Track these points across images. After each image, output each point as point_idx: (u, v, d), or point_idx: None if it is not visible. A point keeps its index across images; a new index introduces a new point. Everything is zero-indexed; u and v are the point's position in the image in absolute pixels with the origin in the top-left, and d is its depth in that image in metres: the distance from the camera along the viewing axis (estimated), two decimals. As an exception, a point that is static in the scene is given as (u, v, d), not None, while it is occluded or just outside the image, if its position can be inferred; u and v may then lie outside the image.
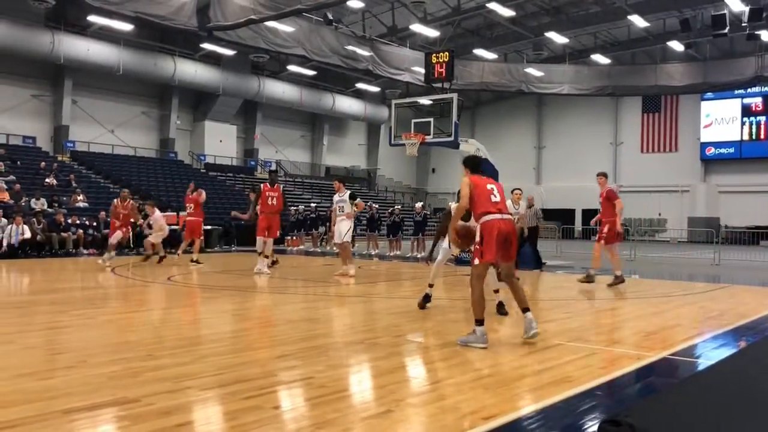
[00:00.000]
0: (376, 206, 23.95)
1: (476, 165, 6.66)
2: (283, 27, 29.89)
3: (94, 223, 19.72)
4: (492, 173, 16.97)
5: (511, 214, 6.55)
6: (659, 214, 40.72)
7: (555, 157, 44.87)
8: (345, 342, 6.29)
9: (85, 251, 18.79)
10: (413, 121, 17.06)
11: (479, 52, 35.88)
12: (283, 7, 27.29)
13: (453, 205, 12.45)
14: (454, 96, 16.36)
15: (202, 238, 16.67)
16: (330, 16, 28.09)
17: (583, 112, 43.54)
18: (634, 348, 6.15)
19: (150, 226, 15.94)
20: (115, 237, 14.66)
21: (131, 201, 15.71)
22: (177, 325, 7.44)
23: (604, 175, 11.88)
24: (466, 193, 6.21)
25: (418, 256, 19.12)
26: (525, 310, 6.21)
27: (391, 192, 44.22)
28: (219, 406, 4.05)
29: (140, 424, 3.57)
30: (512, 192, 13.12)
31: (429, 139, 16.56)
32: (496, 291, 7.90)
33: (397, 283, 12.52)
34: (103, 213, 19.59)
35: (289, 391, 4.48)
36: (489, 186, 6.32)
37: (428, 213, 20.71)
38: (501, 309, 7.93)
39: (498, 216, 6.09)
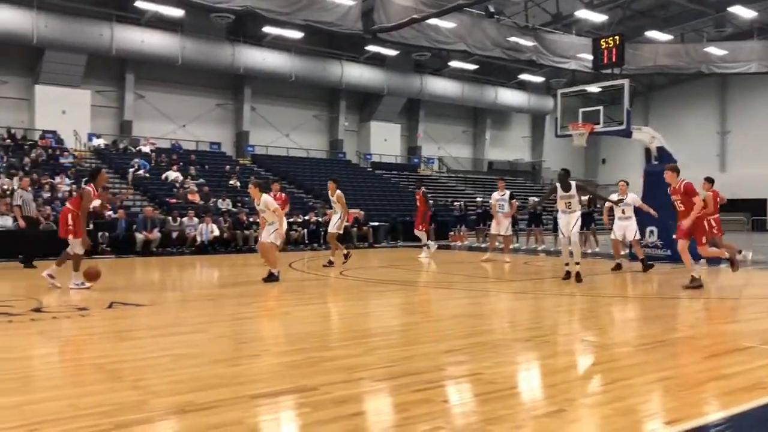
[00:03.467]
0: (537, 200, 23.30)
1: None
2: (445, 23, 30.06)
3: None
4: (669, 162, 15.93)
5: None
6: None
7: (742, 143, 40.97)
8: (512, 339, 6.21)
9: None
10: (581, 110, 16.40)
11: (652, 33, 33.76)
12: (444, 4, 27.45)
13: (614, 197, 12.51)
14: (626, 82, 15.51)
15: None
16: (491, 9, 27.83)
17: (775, 92, 39.38)
18: (842, 354, 5.47)
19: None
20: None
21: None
22: (348, 318, 7.76)
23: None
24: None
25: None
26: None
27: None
28: (390, 398, 4.17)
29: (319, 411, 3.77)
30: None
31: (598, 128, 15.84)
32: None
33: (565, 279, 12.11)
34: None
35: (457, 385, 4.51)
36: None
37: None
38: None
39: None
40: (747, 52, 35.13)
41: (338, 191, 13.73)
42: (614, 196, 13.38)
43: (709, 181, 13.00)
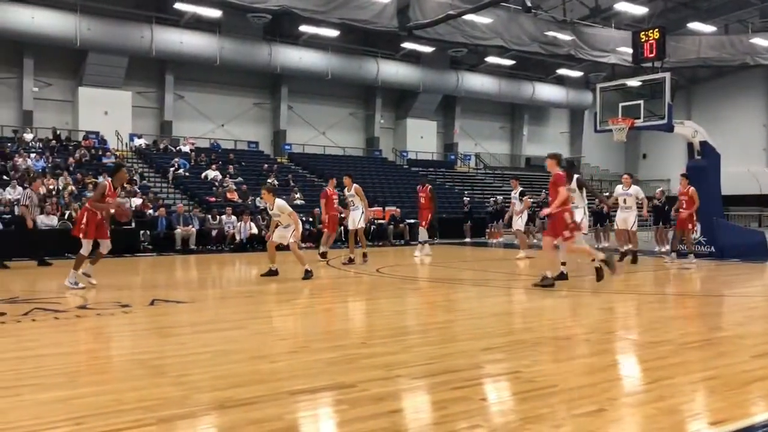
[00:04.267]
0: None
1: None
2: (481, 19, 29.85)
3: (310, 219, 21.18)
4: (713, 157, 15.57)
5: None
6: None
7: (790, 136, 39.82)
8: (552, 337, 6.14)
9: (302, 245, 20.27)
10: (621, 104, 16.10)
11: (694, 25, 33.01)
12: (480, -1, 27.23)
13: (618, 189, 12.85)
14: (667, 75, 15.18)
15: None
16: (529, 3, 27.51)
17: (824, 83, 38.12)
18: None
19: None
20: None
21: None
22: (386, 315, 7.76)
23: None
24: None
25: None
26: None
27: (597, 180, 42.24)
28: (428, 395, 4.16)
29: (357, 408, 3.78)
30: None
31: (639, 123, 15.54)
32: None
33: (605, 276, 11.94)
34: (317, 210, 20.97)
35: (496, 384, 4.48)
36: None
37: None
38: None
39: None
40: (794, 43, 34.14)
41: (355, 185, 13.90)
42: (619, 188, 13.95)
43: (686, 177, 13.78)
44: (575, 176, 10.02)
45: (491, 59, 36.27)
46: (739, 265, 13.33)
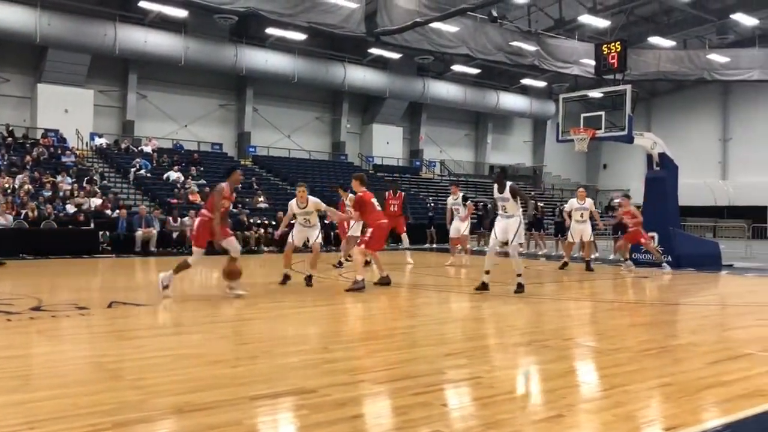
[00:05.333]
0: (542, 204, 23.40)
1: None
2: (448, 27, 30.09)
3: (273, 222, 21.06)
4: (671, 169, 15.95)
5: None
6: None
7: (743, 150, 40.96)
8: (513, 343, 6.21)
9: (265, 249, 20.16)
10: (583, 115, 16.41)
11: (654, 39, 33.82)
12: (447, 8, 27.51)
13: (573, 202, 13.41)
14: (628, 87, 15.51)
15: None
16: (495, 13, 27.83)
17: (776, 99, 39.37)
18: (842, 362, 5.46)
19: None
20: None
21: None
22: (349, 320, 7.76)
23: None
24: None
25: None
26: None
27: (558, 189, 42.90)
28: (390, 401, 4.17)
29: (318, 413, 3.77)
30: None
31: (600, 133, 15.84)
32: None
33: (565, 284, 12.13)
34: (281, 213, 20.84)
35: (457, 389, 4.51)
36: None
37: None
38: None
39: None
40: (749, 60, 35.18)
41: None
42: (574, 201, 14.52)
43: (627, 197, 14.90)
44: (509, 184, 9.81)
45: (457, 67, 36.59)
46: (694, 275, 13.66)
